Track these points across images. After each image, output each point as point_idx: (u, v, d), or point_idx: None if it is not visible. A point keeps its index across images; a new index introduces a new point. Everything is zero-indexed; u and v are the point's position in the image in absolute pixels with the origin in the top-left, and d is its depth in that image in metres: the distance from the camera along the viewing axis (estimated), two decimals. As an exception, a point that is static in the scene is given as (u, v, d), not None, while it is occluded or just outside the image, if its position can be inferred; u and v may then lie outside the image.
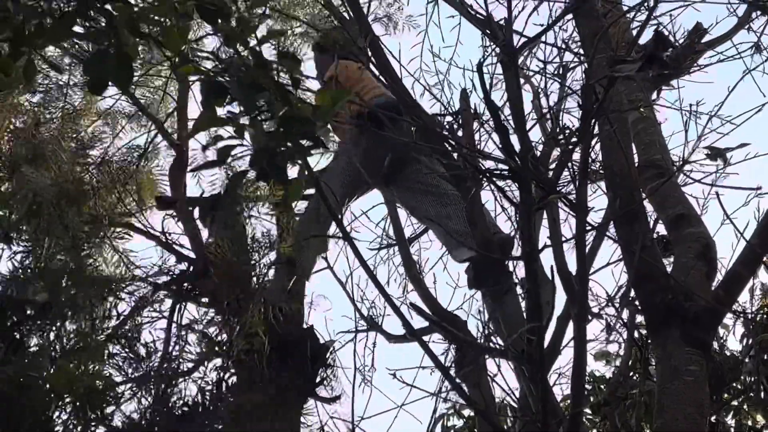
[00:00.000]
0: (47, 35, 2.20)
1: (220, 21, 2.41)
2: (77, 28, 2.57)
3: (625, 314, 5.05)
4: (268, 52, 2.48)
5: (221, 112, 2.37)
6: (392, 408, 4.52)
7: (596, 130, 3.55)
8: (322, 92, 2.31)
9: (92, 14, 2.15)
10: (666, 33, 4.49)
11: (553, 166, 4.18)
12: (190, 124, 5.00)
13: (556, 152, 4.41)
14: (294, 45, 5.73)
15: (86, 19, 2.16)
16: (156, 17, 2.22)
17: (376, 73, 3.78)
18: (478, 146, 4.56)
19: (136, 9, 2.17)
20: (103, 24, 2.18)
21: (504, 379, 4.09)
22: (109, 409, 3.23)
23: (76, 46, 3.56)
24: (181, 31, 2.37)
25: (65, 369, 3.01)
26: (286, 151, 2.25)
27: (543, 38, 3.94)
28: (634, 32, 4.52)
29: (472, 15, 3.82)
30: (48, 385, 2.97)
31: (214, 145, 2.26)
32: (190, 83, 4.28)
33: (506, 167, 3.48)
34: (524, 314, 4.02)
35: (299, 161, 2.38)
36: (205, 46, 4.16)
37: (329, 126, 3.60)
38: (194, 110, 5.41)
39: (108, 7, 2.20)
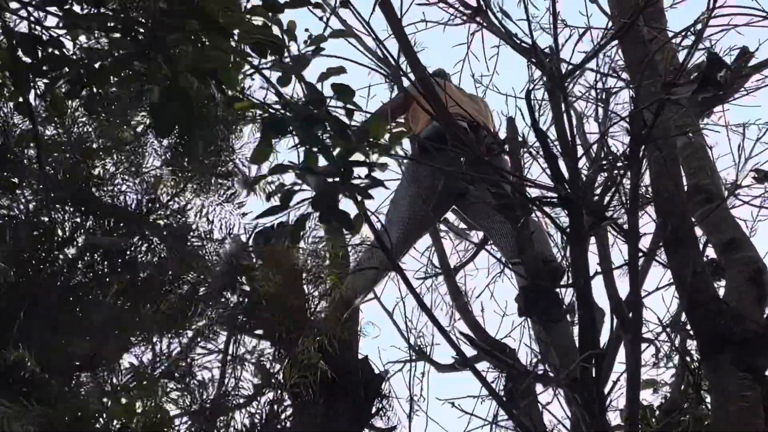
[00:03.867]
0: (106, 73, 2.24)
1: (275, 57, 2.45)
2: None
3: (676, 339, 5.02)
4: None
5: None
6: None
7: (645, 155, 3.55)
8: (376, 123, 2.34)
9: (151, 55, 2.19)
10: (718, 53, 4.46)
11: (598, 192, 4.18)
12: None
13: (600, 178, 4.41)
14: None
15: (145, 59, 2.20)
16: (214, 55, 2.26)
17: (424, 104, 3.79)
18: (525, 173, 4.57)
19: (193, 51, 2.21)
20: (162, 65, 2.22)
21: (561, 407, 4.07)
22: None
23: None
24: (236, 66, 2.41)
25: (124, 402, 3.04)
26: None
27: (588, 64, 3.94)
28: (681, 57, 4.50)
29: (517, 44, 3.84)
30: (104, 421, 3.00)
31: (277, 193, 2.30)
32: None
33: (555, 194, 3.49)
34: (576, 342, 4.00)
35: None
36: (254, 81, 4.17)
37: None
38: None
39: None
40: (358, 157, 2.29)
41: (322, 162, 2.34)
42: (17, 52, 2.59)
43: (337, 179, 2.28)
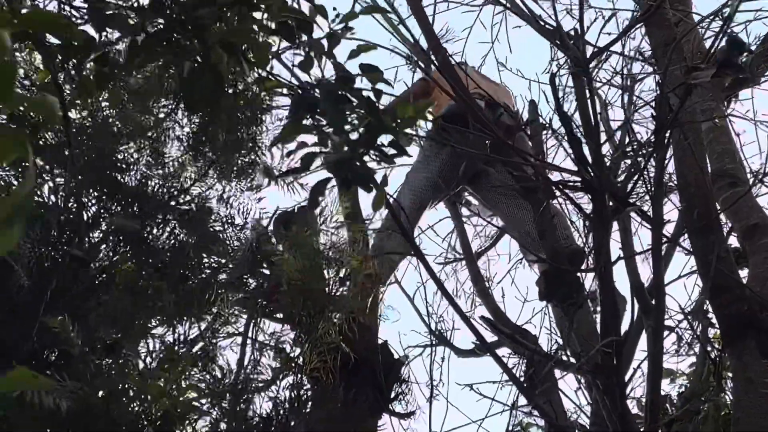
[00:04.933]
0: (141, 51, 2.22)
1: (304, 36, 2.44)
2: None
3: (697, 328, 4.99)
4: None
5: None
6: (466, 423, 4.50)
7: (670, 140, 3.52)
8: (403, 104, 2.31)
9: (183, 32, 2.17)
10: (738, 36, 4.41)
11: (622, 177, 4.16)
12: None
13: (624, 164, 4.38)
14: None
15: (177, 36, 2.19)
16: (245, 34, 2.25)
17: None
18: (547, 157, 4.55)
19: (226, 28, 2.19)
20: (195, 42, 2.21)
21: (586, 393, 4.05)
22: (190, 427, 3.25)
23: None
24: (265, 46, 2.40)
25: (158, 381, 3.05)
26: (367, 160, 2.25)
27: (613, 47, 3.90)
28: (707, 43, 4.47)
29: (541, 26, 3.82)
30: (138, 398, 3.01)
31: (298, 151, 2.27)
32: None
33: (579, 179, 3.46)
34: (597, 328, 3.98)
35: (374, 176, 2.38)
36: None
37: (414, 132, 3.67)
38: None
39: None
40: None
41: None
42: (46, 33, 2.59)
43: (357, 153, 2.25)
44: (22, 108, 3.67)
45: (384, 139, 2.28)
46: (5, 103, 1.09)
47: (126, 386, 3.04)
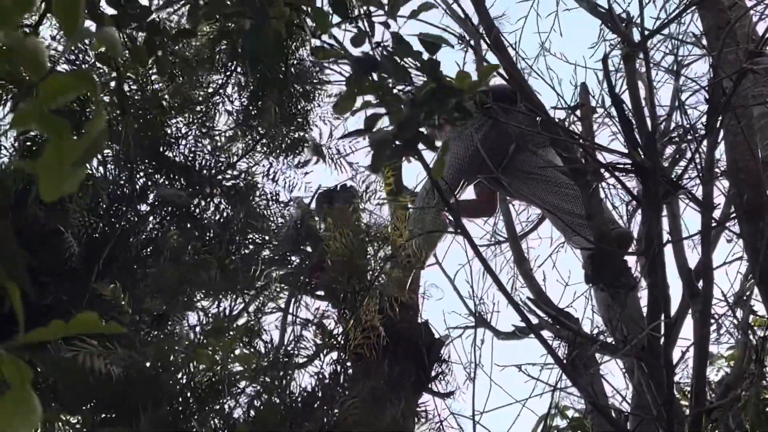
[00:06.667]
0: (205, 11, 2.22)
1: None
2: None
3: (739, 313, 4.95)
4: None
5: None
6: (509, 404, 4.50)
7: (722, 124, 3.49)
8: (461, 75, 2.29)
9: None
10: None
11: (669, 161, 4.12)
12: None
13: (670, 149, 4.34)
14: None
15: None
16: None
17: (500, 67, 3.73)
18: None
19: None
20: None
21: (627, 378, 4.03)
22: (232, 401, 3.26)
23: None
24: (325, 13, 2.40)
25: (209, 349, 3.06)
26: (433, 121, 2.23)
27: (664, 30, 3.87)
28: (759, 28, 4.41)
29: (593, 7, 3.79)
30: (186, 366, 3.02)
31: (361, 110, 2.25)
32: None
33: (629, 161, 3.44)
34: (643, 312, 3.96)
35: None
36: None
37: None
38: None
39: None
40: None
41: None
42: (101, 2, 2.61)
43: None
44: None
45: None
46: (70, 37, 1.10)
47: (174, 356, 3.06)
